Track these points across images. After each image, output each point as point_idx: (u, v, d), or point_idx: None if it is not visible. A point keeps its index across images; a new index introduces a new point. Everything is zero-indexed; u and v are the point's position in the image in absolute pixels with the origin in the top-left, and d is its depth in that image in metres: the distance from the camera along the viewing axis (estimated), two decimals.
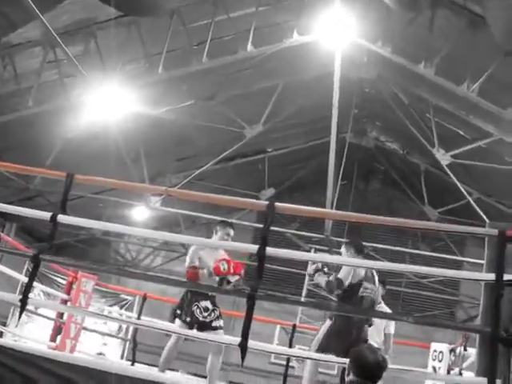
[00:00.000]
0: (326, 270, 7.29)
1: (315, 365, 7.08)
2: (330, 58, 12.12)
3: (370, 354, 4.29)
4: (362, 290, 7.11)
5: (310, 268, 7.40)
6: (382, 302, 8.80)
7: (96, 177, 6.11)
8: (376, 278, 7.38)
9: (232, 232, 7.61)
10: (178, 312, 7.44)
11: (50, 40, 10.97)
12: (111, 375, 4.72)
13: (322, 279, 7.12)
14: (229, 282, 7.48)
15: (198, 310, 7.30)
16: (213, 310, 7.39)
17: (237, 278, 7.46)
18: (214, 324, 7.34)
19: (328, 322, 7.08)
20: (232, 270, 7.35)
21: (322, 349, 6.88)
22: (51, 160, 12.98)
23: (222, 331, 7.41)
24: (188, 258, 7.54)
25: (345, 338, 6.80)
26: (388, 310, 8.63)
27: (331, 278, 7.13)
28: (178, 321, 7.43)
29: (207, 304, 7.35)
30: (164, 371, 7.62)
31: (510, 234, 4.39)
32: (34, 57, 11.75)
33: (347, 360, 4.33)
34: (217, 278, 7.45)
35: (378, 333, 8.74)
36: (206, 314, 7.30)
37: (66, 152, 13.03)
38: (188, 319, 7.28)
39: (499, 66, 11.14)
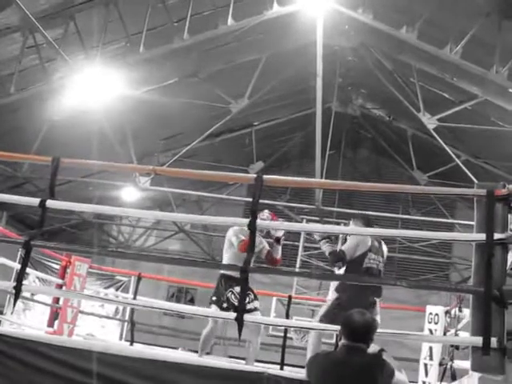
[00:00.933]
0: (333, 238, 7.23)
1: (318, 336, 7.07)
2: (311, 28, 12.03)
3: (358, 317, 4.33)
4: (366, 260, 6.98)
5: (317, 234, 7.30)
6: None
7: (82, 160, 6.10)
8: (384, 249, 7.24)
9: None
10: (214, 298, 7.53)
11: (29, 25, 10.88)
12: (111, 356, 4.74)
13: (326, 248, 7.03)
14: (278, 240, 7.55)
15: (232, 296, 7.38)
16: (247, 294, 7.44)
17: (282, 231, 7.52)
18: (248, 307, 7.31)
19: (334, 295, 6.99)
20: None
21: (327, 321, 6.82)
22: (38, 145, 12.95)
23: (258, 312, 7.43)
24: (233, 238, 7.59)
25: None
26: None
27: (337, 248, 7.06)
28: (214, 306, 7.51)
29: None
30: (202, 356, 7.65)
31: (499, 194, 4.40)
32: (13, 43, 11.65)
33: None
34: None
35: None
36: None
37: (52, 136, 13.00)
38: (225, 305, 7.36)
39: (481, 27, 11.11)
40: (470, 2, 10.88)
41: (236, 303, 7.27)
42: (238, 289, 7.25)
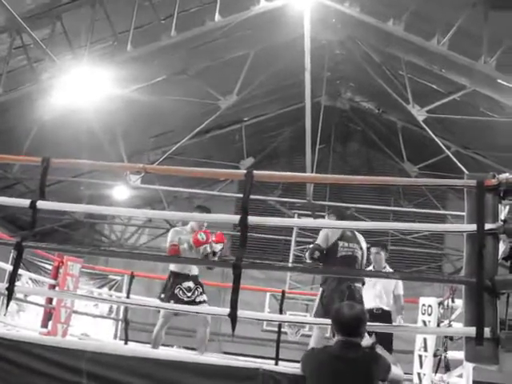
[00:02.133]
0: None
1: (321, 331, 7.15)
2: (298, 22, 12.04)
3: (347, 310, 4.29)
4: (340, 249, 7.12)
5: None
6: (387, 266, 8.96)
7: (72, 159, 6.09)
8: (359, 238, 7.36)
9: None
10: (162, 296, 7.69)
11: (16, 26, 10.84)
12: (106, 356, 4.73)
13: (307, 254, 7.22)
14: (214, 253, 7.65)
15: (180, 292, 7.56)
16: (196, 288, 7.67)
17: (221, 246, 7.70)
18: (197, 300, 7.62)
19: (320, 290, 7.12)
20: (212, 239, 7.66)
21: (320, 317, 6.90)
22: (28, 145, 12.91)
23: (206, 305, 7.66)
24: (168, 239, 7.82)
25: (338, 301, 6.79)
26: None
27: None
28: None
29: (189, 284, 7.63)
30: (157, 348, 7.84)
31: (489, 184, 4.41)
32: (0, 44, 11.61)
33: None
34: (202, 250, 7.76)
35: (387, 294, 8.87)
36: (189, 294, 7.58)
37: (42, 136, 12.97)
38: (172, 301, 7.45)
39: (468, 18, 11.13)
40: None
41: (185, 298, 7.52)
42: (185, 284, 7.60)
